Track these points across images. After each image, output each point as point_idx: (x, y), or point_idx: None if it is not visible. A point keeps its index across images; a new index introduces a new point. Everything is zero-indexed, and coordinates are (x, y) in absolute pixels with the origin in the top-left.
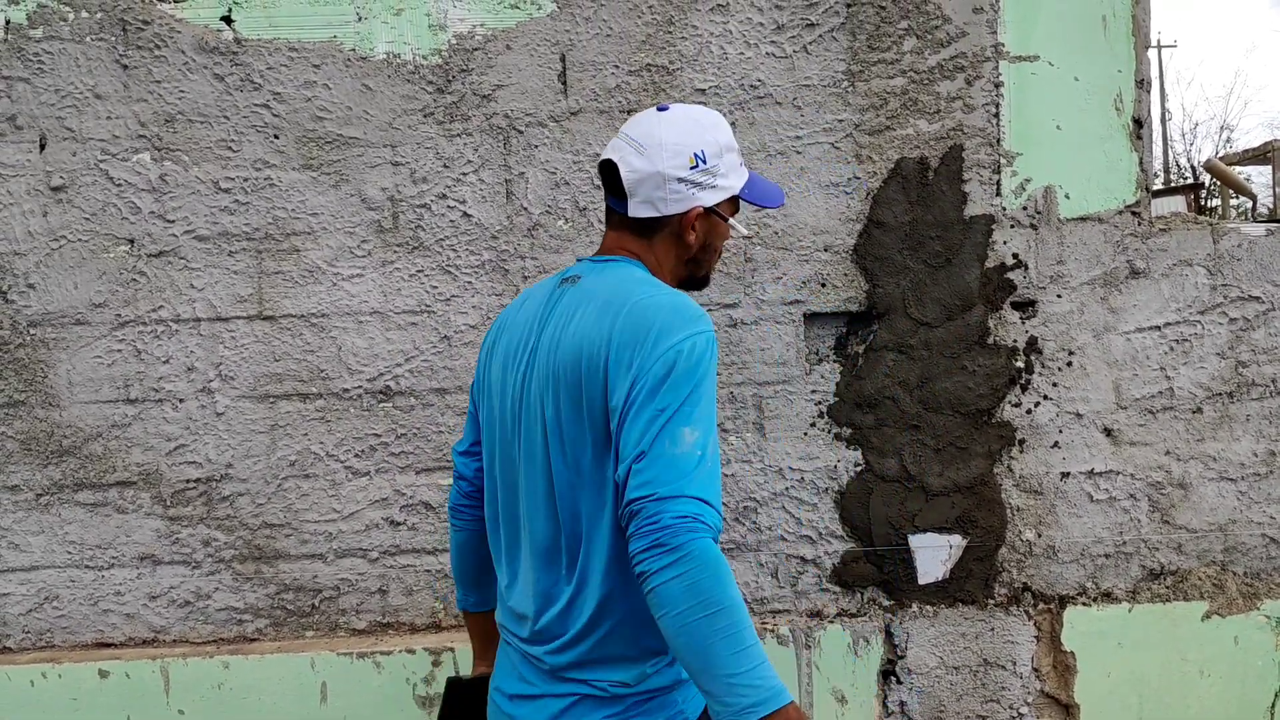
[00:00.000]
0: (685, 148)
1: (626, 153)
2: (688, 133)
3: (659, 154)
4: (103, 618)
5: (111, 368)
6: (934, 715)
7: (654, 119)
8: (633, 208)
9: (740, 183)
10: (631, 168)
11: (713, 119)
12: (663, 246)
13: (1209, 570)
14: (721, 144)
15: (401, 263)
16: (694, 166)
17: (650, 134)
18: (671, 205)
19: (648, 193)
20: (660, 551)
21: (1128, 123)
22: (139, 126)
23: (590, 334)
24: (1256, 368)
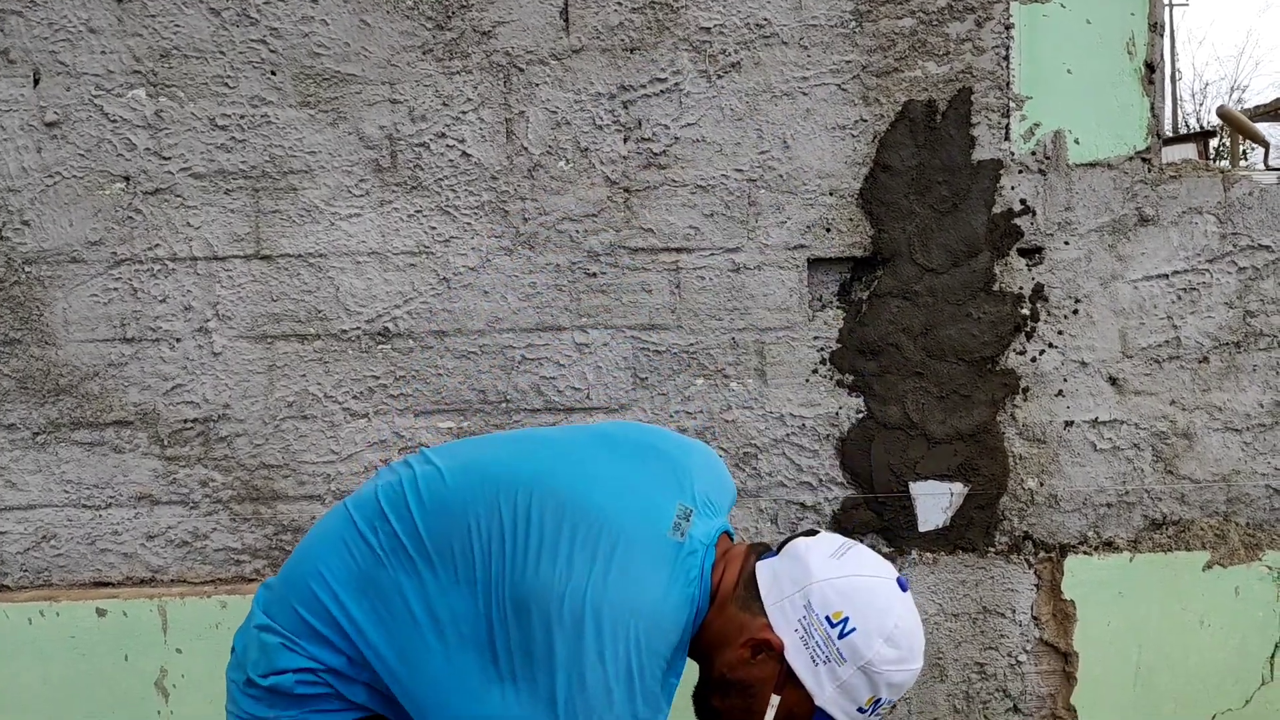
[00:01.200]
0: (851, 606)
1: (834, 540)
2: (873, 608)
3: (834, 573)
4: (100, 557)
5: (108, 306)
6: (932, 662)
7: (887, 575)
8: (766, 568)
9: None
10: (811, 545)
11: (908, 650)
12: (729, 627)
13: (1211, 521)
14: (872, 662)
15: (400, 203)
16: (831, 623)
17: (863, 564)
18: (775, 606)
19: (784, 575)
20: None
21: (1139, 67)
22: (134, 62)
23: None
24: (1265, 318)
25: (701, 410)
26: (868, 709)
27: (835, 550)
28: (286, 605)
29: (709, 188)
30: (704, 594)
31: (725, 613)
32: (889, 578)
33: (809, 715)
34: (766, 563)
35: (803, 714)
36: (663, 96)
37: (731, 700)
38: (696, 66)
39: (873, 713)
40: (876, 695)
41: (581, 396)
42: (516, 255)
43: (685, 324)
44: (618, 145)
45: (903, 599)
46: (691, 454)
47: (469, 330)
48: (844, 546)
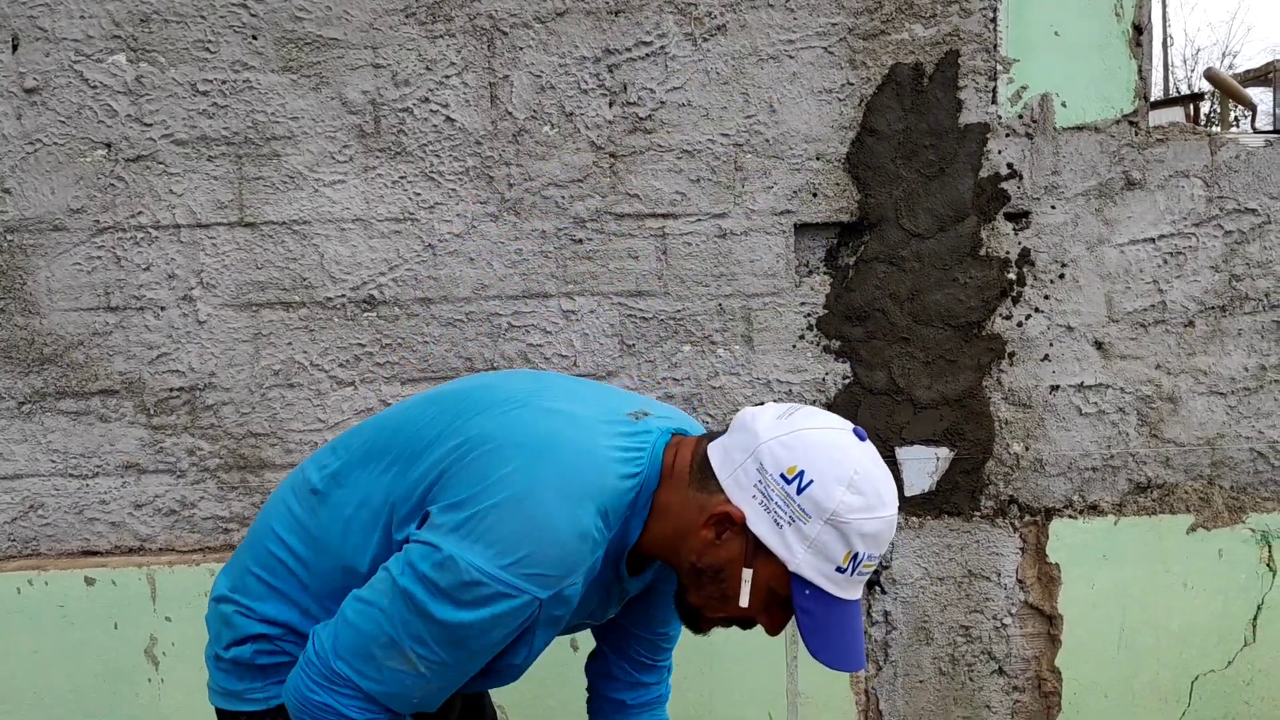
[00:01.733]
0: (803, 458)
1: (781, 406)
2: (827, 456)
3: (781, 429)
4: (88, 526)
5: (91, 275)
6: (918, 625)
7: (841, 425)
8: (716, 444)
9: (809, 572)
10: (758, 412)
11: (874, 496)
12: (688, 513)
13: (1196, 484)
14: (836, 511)
15: (384, 169)
16: (786, 479)
17: (812, 419)
18: (729, 477)
19: (733, 446)
20: None
21: (1127, 29)
22: (113, 26)
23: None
24: (1250, 281)
25: (688, 377)
26: (847, 567)
27: (782, 412)
28: (242, 569)
29: (695, 153)
30: (653, 469)
31: (682, 496)
32: (843, 429)
33: (788, 585)
34: (717, 441)
35: (781, 586)
36: (648, 60)
37: (706, 589)
38: (682, 29)
39: (854, 571)
40: (852, 549)
41: (568, 364)
42: (502, 221)
43: (672, 290)
44: (603, 109)
45: (860, 446)
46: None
47: (455, 298)
48: (791, 408)
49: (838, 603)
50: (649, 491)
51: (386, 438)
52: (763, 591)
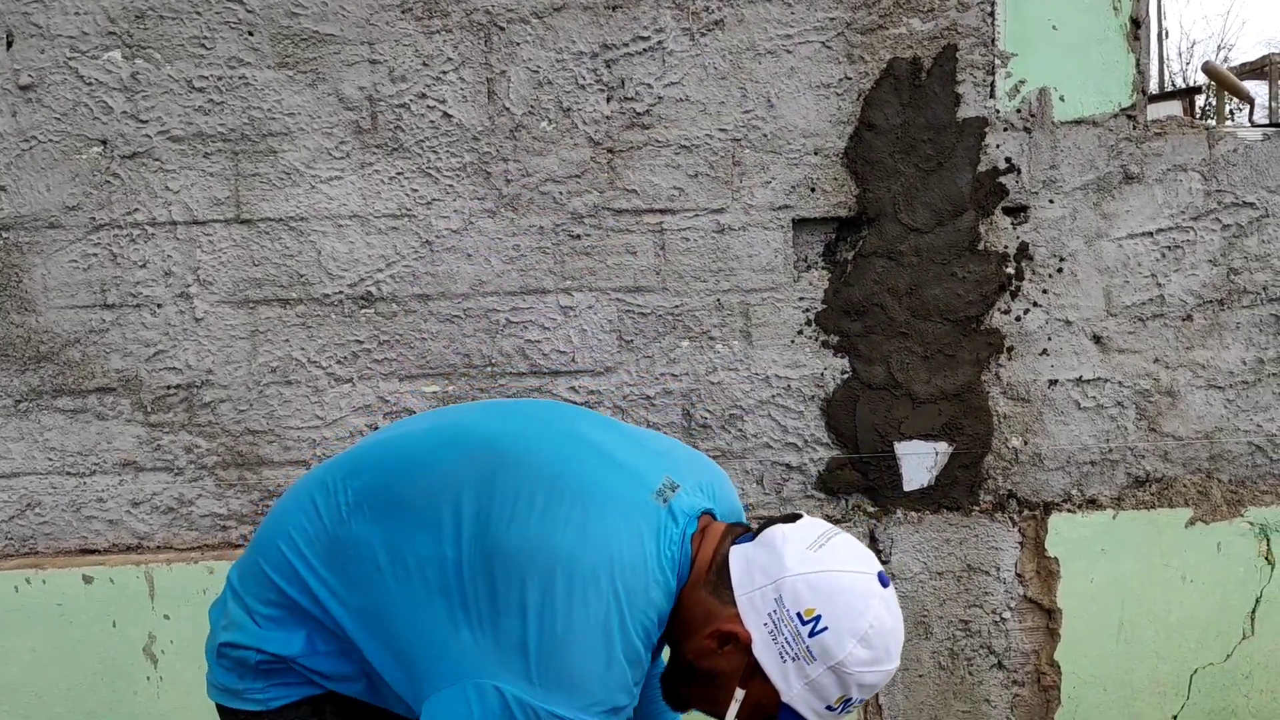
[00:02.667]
0: (824, 603)
1: (815, 528)
2: (848, 607)
3: (809, 567)
4: (86, 524)
5: (87, 272)
6: (917, 619)
7: (869, 569)
8: (739, 555)
9: (800, 706)
10: (788, 536)
11: (881, 651)
12: (699, 610)
13: (1194, 478)
14: (843, 662)
15: (381, 165)
16: (802, 620)
17: (842, 558)
18: (745, 597)
19: (757, 565)
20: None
21: (1125, 23)
22: (108, 23)
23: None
24: (1248, 275)
25: (687, 372)
26: (837, 708)
27: (813, 541)
28: (256, 568)
29: (693, 148)
30: (684, 562)
31: (695, 596)
32: (869, 573)
33: (775, 710)
34: (741, 548)
35: (769, 708)
36: (645, 55)
37: (696, 689)
38: (679, 24)
39: (842, 711)
40: (847, 695)
41: (567, 360)
42: (499, 217)
43: (670, 286)
44: (600, 105)
45: (881, 596)
46: (692, 451)
47: (453, 294)
48: (823, 536)
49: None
50: (681, 584)
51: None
52: (750, 709)
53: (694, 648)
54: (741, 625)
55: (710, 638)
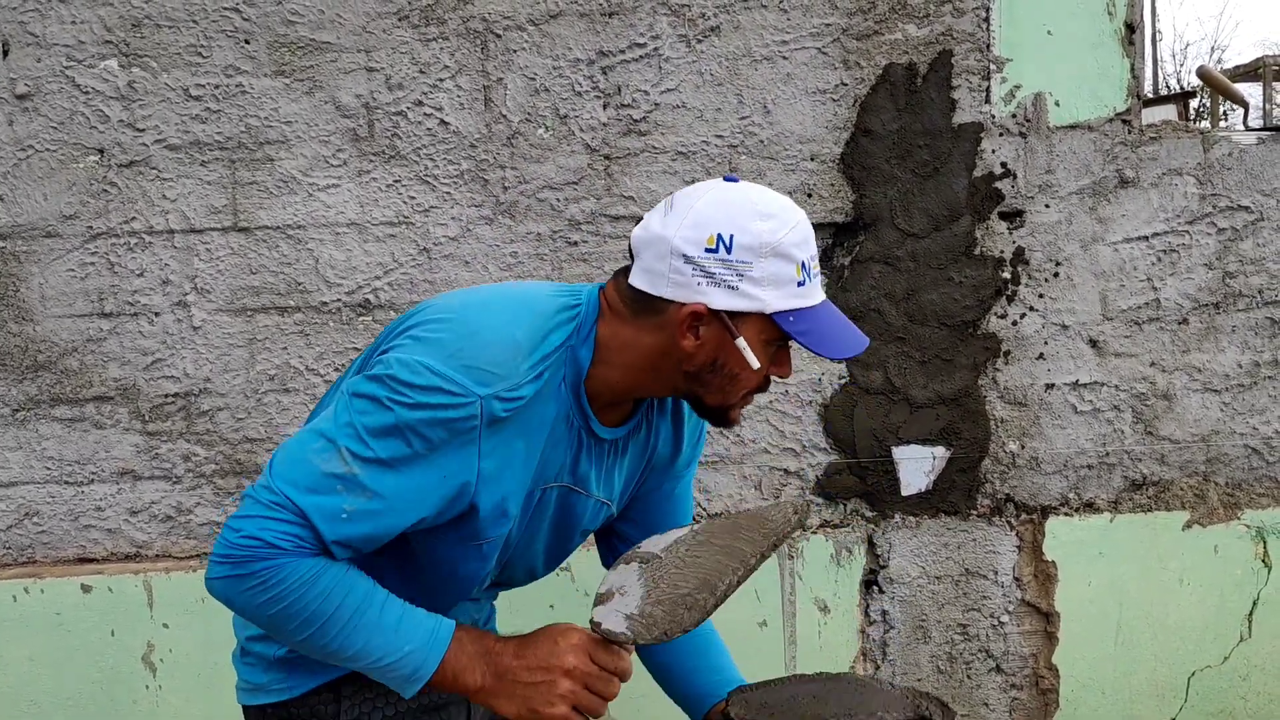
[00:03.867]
0: (712, 224)
1: (655, 210)
2: (727, 209)
3: (679, 220)
4: (84, 533)
5: (85, 281)
6: (916, 624)
7: (709, 184)
8: (634, 272)
9: (780, 303)
10: (647, 224)
11: (780, 209)
12: (648, 336)
13: (1191, 481)
14: (767, 241)
15: (378, 173)
16: (712, 250)
17: (689, 196)
18: (667, 287)
19: (650, 261)
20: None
21: (1120, 28)
22: (105, 31)
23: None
24: (1244, 278)
25: None
26: (802, 278)
27: (663, 210)
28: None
29: (690, 154)
30: (591, 303)
31: (631, 328)
32: (715, 184)
33: (774, 328)
34: (633, 273)
35: (769, 332)
36: (642, 62)
37: (715, 383)
38: (676, 31)
39: (810, 275)
40: (798, 261)
41: None
42: (497, 224)
43: None
44: (597, 112)
45: (738, 185)
46: None
47: None
48: (666, 203)
49: (816, 309)
50: (591, 321)
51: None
52: (760, 346)
53: (679, 362)
54: (689, 304)
55: (682, 338)
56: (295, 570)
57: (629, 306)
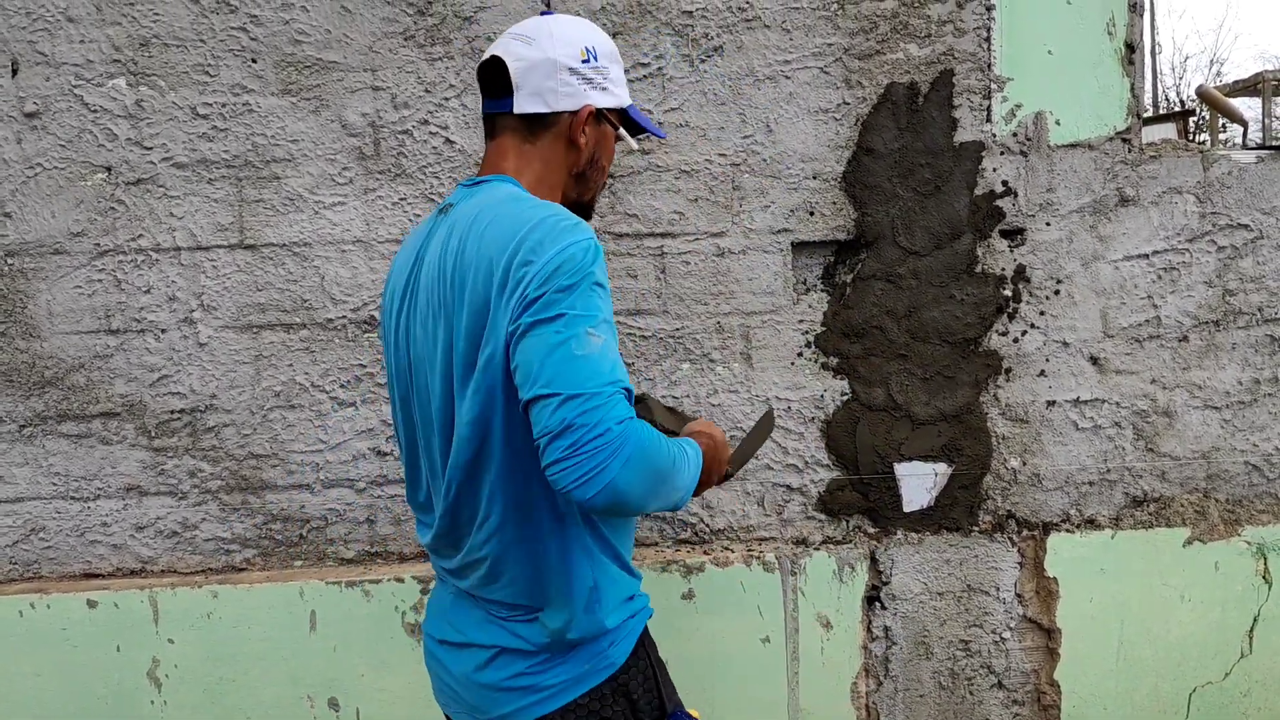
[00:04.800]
0: (577, 40)
1: (512, 45)
2: (578, 29)
3: (550, 43)
4: (90, 549)
5: (92, 298)
6: (918, 640)
7: (540, 18)
8: (519, 101)
9: (628, 99)
10: (519, 56)
11: (597, 28)
12: (550, 151)
13: (1191, 497)
14: (609, 51)
15: (384, 191)
16: (586, 60)
17: (539, 27)
18: (562, 99)
19: (537, 83)
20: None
21: (1120, 47)
22: (113, 50)
23: (464, 262)
24: (1244, 296)
25: (688, 395)
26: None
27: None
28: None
29: (693, 172)
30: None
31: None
32: (542, 17)
33: (628, 121)
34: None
35: (620, 123)
36: (646, 81)
37: (593, 178)
38: (679, 50)
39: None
40: (622, 65)
41: None
42: None
43: (671, 309)
44: None
45: (557, 14)
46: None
47: None
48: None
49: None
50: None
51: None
52: (613, 137)
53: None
54: (580, 109)
55: (580, 138)
56: (641, 429)
57: (528, 139)
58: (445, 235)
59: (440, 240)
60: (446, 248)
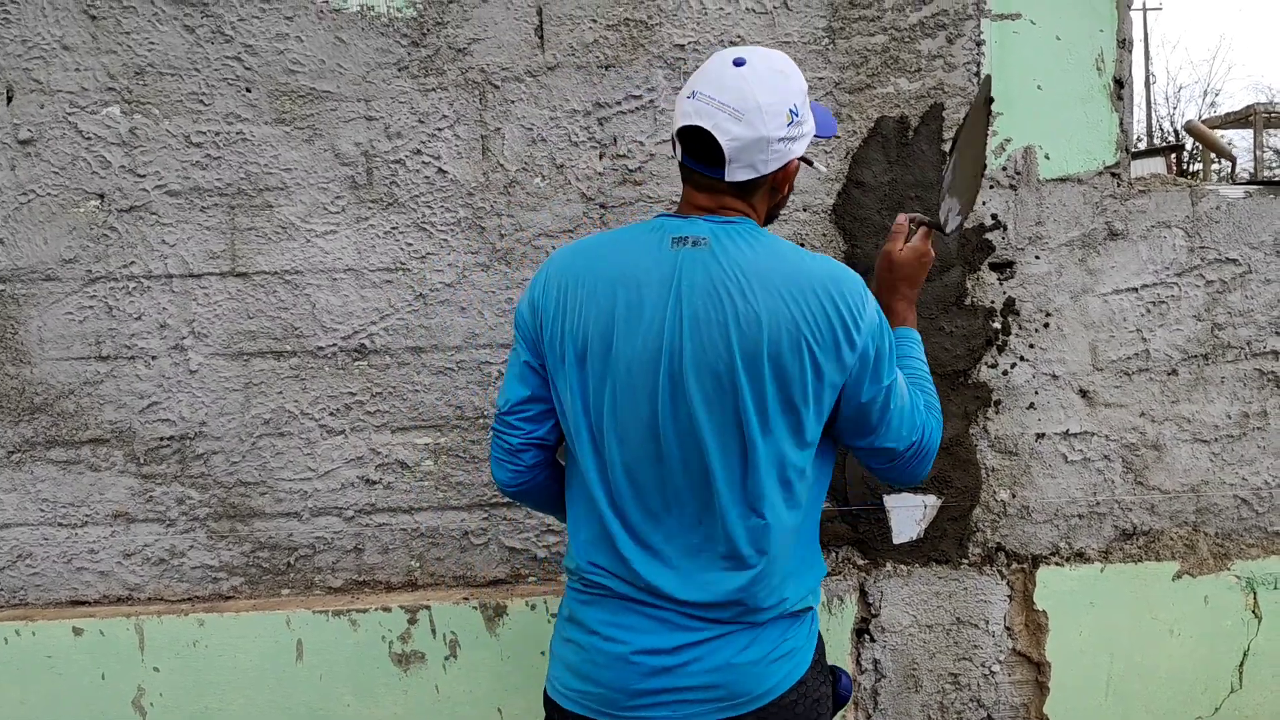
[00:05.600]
0: (782, 106)
1: (721, 119)
2: (778, 89)
3: (760, 119)
4: (77, 575)
5: (83, 324)
6: (907, 673)
7: (739, 78)
8: (731, 173)
9: (814, 126)
10: (732, 136)
11: (789, 66)
12: (760, 201)
13: (1181, 531)
14: (802, 90)
15: (376, 219)
16: (791, 123)
17: (743, 97)
18: (772, 164)
19: (749, 158)
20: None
21: (1109, 83)
22: (108, 79)
23: (780, 311)
24: (1232, 330)
25: None
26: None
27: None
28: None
29: None
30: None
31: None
32: (738, 74)
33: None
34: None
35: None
36: (637, 113)
37: (781, 205)
38: (671, 83)
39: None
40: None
41: None
42: (493, 271)
43: None
44: (593, 161)
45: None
46: None
47: (446, 346)
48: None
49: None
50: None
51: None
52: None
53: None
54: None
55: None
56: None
57: (742, 195)
58: (725, 276)
59: (715, 278)
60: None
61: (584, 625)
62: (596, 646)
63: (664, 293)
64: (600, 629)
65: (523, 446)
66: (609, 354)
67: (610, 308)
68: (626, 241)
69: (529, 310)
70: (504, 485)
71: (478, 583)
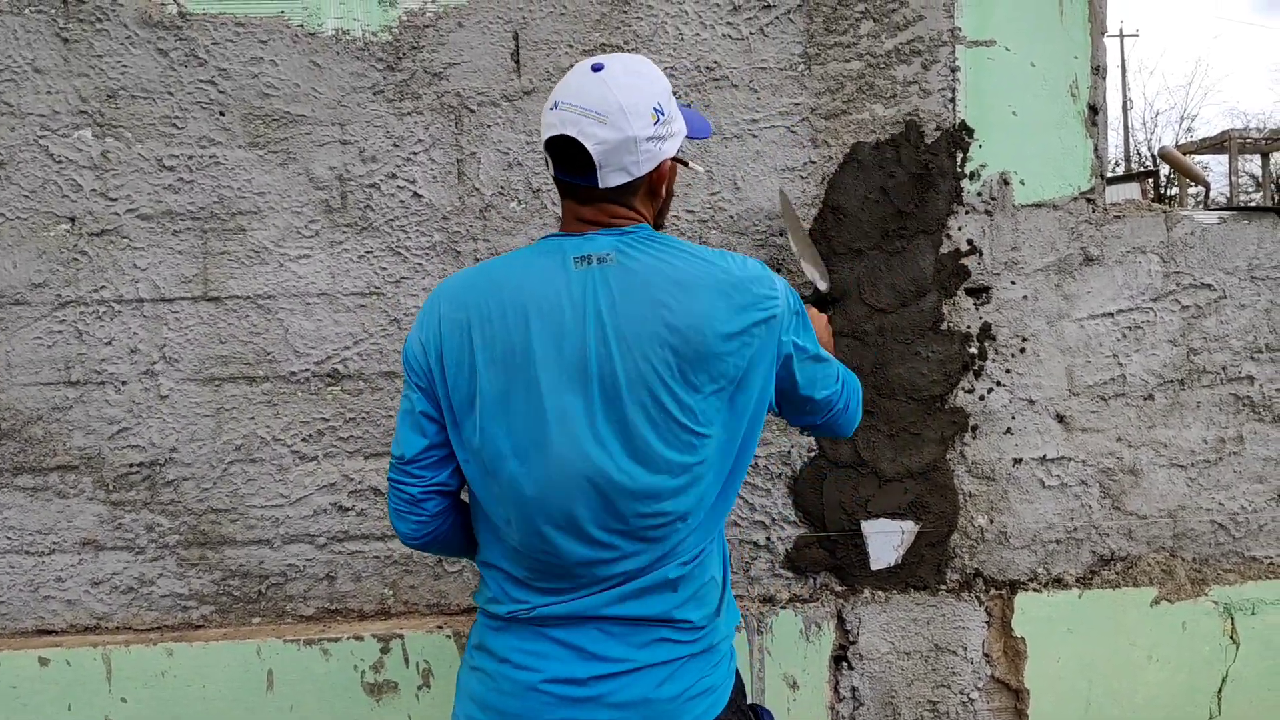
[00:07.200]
0: (645, 105)
1: (585, 124)
2: (639, 89)
3: (624, 120)
4: (43, 604)
5: (52, 349)
6: (885, 700)
7: (599, 82)
8: (604, 178)
9: (684, 126)
10: (598, 139)
11: (649, 66)
12: (642, 205)
13: (1158, 556)
14: (667, 90)
15: (350, 244)
16: (657, 122)
17: (605, 100)
18: (644, 165)
19: (619, 160)
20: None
21: (1083, 109)
22: (80, 102)
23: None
24: (1208, 355)
25: None
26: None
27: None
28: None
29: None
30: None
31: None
32: (596, 79)
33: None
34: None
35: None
36: None
37: (667, 207)
38: None
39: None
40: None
41: None
42: None
43: None
44: None
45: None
46: None
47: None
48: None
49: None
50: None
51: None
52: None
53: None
54: (660, 166)
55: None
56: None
57: (621, 200)
58: (645, 284)
59: (637, 288)
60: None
61: (494, 653)
62: (506, 675)
63: (580, 315)
64: (511, 656)
65: (424, 495)
66: (533, 386)
67: (525, 338)
68: (523, 267)
69: (421, 352)
70: (408, 538)
71: (451, 610)
